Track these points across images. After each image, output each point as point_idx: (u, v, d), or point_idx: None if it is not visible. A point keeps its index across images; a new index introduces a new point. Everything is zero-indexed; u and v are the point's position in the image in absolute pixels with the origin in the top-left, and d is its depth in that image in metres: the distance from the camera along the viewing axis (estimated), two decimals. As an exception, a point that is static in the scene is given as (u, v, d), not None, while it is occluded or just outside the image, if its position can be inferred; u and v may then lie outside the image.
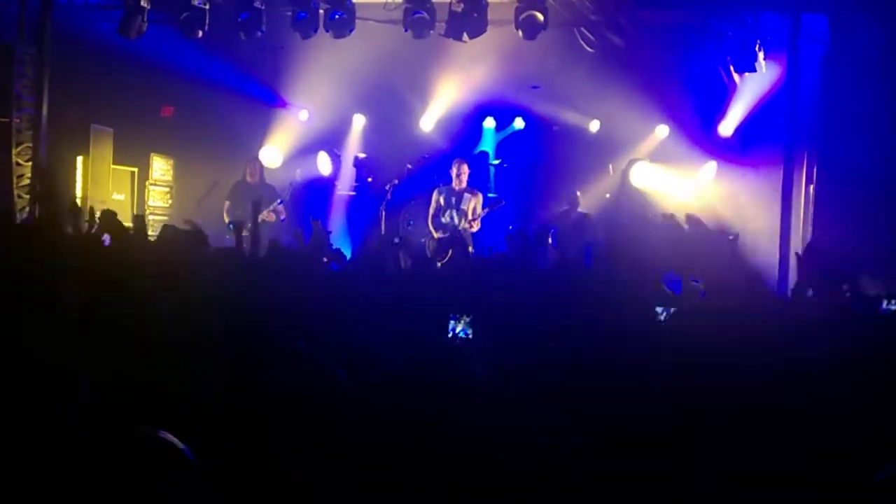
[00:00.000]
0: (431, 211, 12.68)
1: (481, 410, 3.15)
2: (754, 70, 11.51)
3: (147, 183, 14.13)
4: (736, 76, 12.25)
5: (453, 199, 12.55)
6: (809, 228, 11.35)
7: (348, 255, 7.12)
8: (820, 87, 11.29)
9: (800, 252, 3.88)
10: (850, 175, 10.76)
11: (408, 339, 3.62)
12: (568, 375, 3.24)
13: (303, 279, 4.53)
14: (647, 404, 3.04)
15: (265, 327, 3.55)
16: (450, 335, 3.90)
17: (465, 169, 12.60)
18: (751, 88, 12.57)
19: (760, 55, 11.39)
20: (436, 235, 12.51)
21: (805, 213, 11.63)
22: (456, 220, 12.44)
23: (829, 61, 11.13)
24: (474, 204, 12.47)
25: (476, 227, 12.46)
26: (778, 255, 10.42)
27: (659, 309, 3.86)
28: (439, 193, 12.65)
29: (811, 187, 11.53)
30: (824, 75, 11.21)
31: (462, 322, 3.92)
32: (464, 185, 12.58)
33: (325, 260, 5.03)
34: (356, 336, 3.64)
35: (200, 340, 3.54)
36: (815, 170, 11.46)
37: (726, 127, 13.26)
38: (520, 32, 11.40)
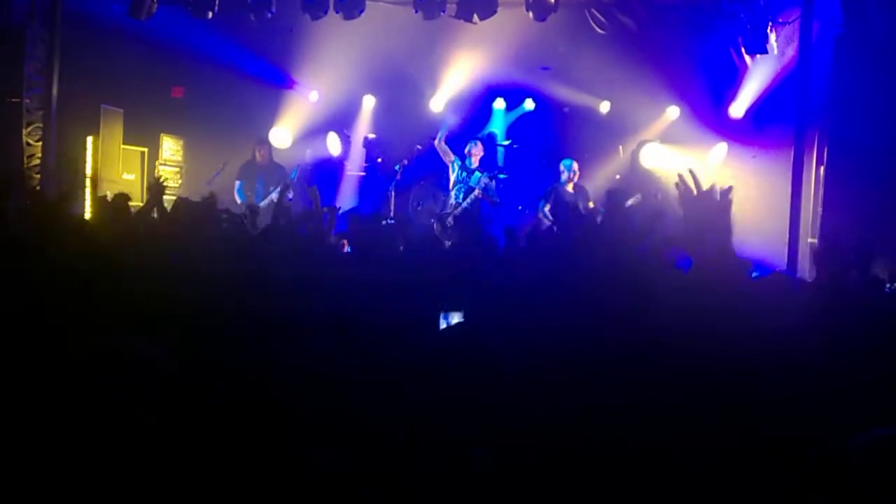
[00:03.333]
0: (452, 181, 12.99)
1: (488, 395, 3.16)
2: (766, 51, 11.47)
3: (157, 163, 14.15)
4: (747, 57, 12.20)
5: (464, 175, 12.70)
6: (820, 210, 11.32)
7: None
8: (832, 69, 11.22)
9: (815, 245, 3.86)
10: (861, 157, 10.72)
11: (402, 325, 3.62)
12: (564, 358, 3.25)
13: (306, 258, 4.55)
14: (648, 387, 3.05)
15: (267, 305, 3.56)
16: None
17: (480, 149, 12.74)
18: (762, 70, 12.52)
19: (772, 36, 11.34)
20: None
21: (815, 194, 11.60)
22: (461, 198, 12.61)
23: (841, 42, 11.06)
24: (484, 183, 12.58)
25: (495, 201, 12.71)
26: (787, 237, 10.42)
27: None
28: (453, 169, 12.89)
29: (822, 169, 11.49)
30: (836, 57, 11.14)
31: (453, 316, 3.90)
32: (476, 165, 12.70)
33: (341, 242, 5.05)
34: (351, 318, 3.64)
35: (207, 319, 3.55)
36: (825, 151, 11.42)
37: (737, 108, 13.23)
38: (530, 14, 11.38)
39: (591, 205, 12.44)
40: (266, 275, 4.12)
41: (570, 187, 12.83)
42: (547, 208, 12.71)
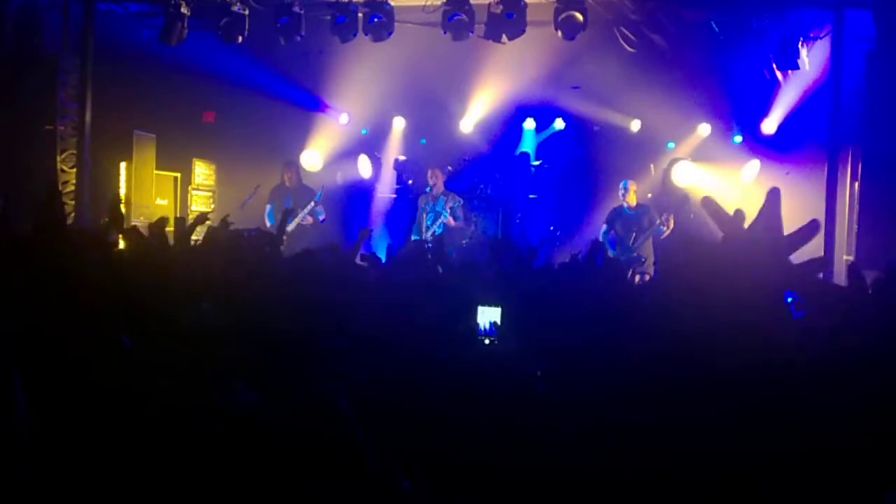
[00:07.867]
0: (418, 216, 13.26)
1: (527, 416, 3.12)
2: (797, 67, 11.37)
3: (190, 188, 14.25)
4: (779, 73, 12.11)
5: (430, 204, 13.05)
6: (854, 226, 11.20)
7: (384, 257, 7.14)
8: (864, 84, 11.12)
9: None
10: (895, 171, 10.61)
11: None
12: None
13: (331, 287, 4.50)
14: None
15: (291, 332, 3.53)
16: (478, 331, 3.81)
17: (439, 174, 13.18)
18: (794, 85, 12.42)
19: (804, 52, 11.24)
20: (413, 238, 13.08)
21: (850, 210, 11.47)
22: (431, 222, 12.76)
23: (873, 57, 10.96)
24: (451, 204, 12.93)
25: (453, 223, 12.96)
26: (822, 254, 10.29)
27: None
28: (423, 200, 13.25)
29: (856, 184, 11.37)
30: (869, 71, 11.04)
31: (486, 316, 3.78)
32: (440, 189, 13.07)
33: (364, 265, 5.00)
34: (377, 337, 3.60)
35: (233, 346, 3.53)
36: (859, 166, 11.30)
37: (769, 125, 13.13)
38: (559, 33, 11.35)
39: (660, 221, 12.24)
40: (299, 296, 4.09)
41: (629, 204, 12.60)
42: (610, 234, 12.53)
